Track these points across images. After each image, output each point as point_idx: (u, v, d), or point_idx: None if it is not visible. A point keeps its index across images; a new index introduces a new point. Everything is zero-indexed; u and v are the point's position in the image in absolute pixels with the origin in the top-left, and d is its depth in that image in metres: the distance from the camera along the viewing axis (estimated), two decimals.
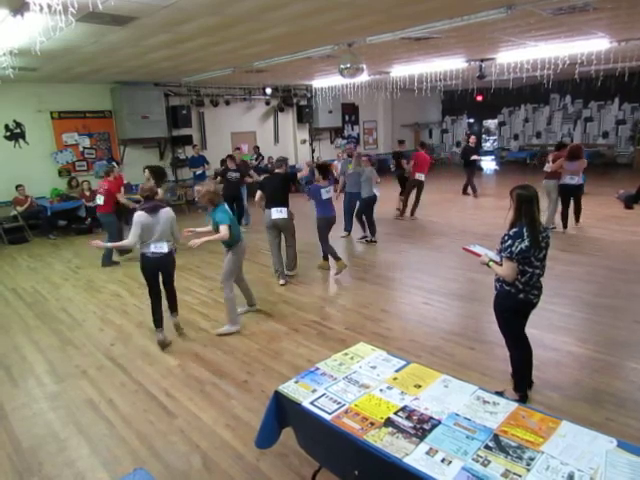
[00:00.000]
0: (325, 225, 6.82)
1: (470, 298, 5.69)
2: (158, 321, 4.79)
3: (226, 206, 4.91)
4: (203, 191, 4.80)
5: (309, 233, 7.51)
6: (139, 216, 4.57)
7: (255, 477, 2.95)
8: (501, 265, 3.26)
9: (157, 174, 7.75)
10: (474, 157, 12.48)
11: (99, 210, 7.89)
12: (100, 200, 7.72)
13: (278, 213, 6.34)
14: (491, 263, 3.32)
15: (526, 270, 3.22)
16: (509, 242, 3.18)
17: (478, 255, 3.44)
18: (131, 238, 4.57)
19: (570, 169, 8.06)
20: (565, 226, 8.43)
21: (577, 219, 8.65)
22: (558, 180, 8.27)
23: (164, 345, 4.76)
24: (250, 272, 7.17)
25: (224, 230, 4.66)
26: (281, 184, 6.43)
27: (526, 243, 3.13)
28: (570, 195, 8.32)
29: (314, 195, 6.68)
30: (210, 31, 6.23)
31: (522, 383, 3.52)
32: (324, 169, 6.87)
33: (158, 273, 4.79)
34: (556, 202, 8.41)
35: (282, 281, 6.53)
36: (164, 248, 4.67)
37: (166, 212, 4.75)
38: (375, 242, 8.42)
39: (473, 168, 12.61)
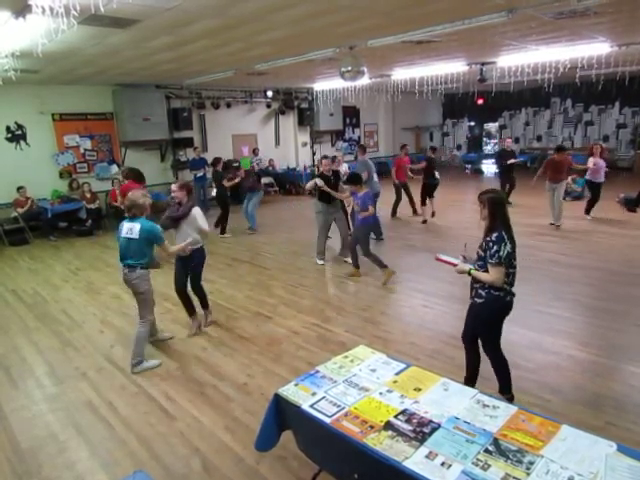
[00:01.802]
0: (369, 232, 6.82)
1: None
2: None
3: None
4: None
5: (309, 234, 7.52)
6: (198, 210, 4.95)
7: None
8: (484, 272, 3.25)
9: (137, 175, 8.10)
10: (511, 161, 10.91)
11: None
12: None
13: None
14: (473, 271, 3.30)
15: (509, 271, 3.26)
16: (495, 247, 3.16)
17: (454, 265, 3.41)
18: (207, 225, 5.00)
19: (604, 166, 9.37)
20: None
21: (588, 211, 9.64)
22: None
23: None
24: (250, 274, 7.19)
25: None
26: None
27: (509, 245, 3.18)
28: (600, 189, 9.41)
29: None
30: (212, 33, 6.25)
31: (509, 383, 3.54)
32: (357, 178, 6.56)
33: None
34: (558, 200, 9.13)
35: (320, 262, 7.37)
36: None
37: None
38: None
39: (510, 174, 11.07)
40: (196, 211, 4.89)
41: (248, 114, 14.80)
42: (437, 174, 10.17)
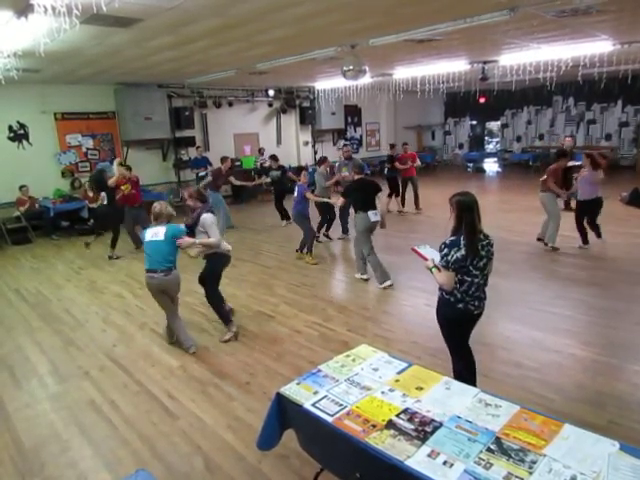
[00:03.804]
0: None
1: None
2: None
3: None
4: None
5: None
6: (210, 217, 4.70)
7: (256, 478, 2.95)
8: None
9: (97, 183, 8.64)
10: (570, 163, 9.11)
11: (134, 202, 8.50)
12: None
13: (375, 216, 6.23)
14: (434, 269, 3.19)
15: (465, 279, 3.12)
16: (445, 251, 3.11)
17: (425, 259, 3.30)
18: (218, 237, 4.73)
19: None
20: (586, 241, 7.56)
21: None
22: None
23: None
24: (252, 273, 7.19)
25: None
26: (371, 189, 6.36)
27: (462, 252, 3.05)
28: (594, 208, 7.40)
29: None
30: (214, 33, 6.25)
31: None
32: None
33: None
34: (557, 217, 7.41)
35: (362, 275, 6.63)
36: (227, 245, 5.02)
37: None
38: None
39: (569, 176, 9.02)
40: (205, 217, 4.67)
41: (250, 113, 14.80)
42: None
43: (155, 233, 4.52)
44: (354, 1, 5.09)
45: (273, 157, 10.60)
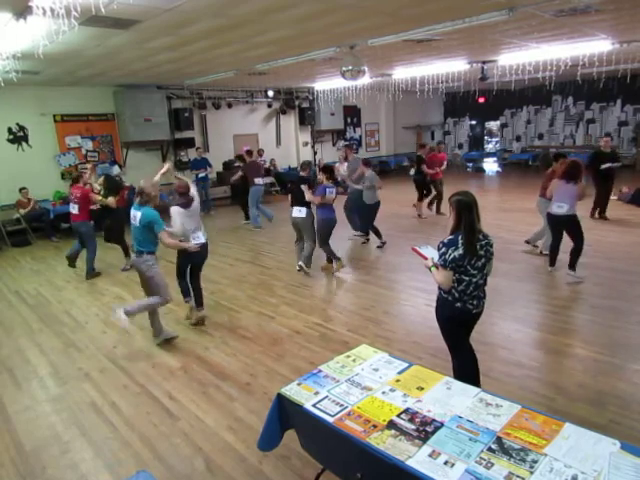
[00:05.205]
0: (328, 226, 6.87)
1: None
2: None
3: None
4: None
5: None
6: (175, 210, 4.99)
7: (258, 479, 2.95)
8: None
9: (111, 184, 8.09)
10: (605, 165, 8.65)
11: (75, 219, 7.38)
12: (75, 209, 7.29)
13: (298, 212, 6.83)
14: (433, 268, 3.20)
15: (462, 279, 3.13)
16: (443, 250, 3.12)
17: (425, 258, 3.31)
18: (179, 227, 4.94)
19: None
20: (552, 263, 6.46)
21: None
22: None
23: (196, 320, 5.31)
24: (252, 274, 7.19)
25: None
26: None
27: (460, 251, 3.05)
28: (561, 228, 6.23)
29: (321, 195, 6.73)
30: (213, 33, 6.26)
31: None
32: (329, 170, 6.90)
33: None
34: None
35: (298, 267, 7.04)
36: (202, 238, 5.16)
37: (198, 204, 5.20)
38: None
39: (608, 180, 8.91)
40: (172, 210, 5.05)
41: (249, 114, 14.81)
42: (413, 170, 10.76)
43: (134, 216, 4.66)
44: (353, 2, 5.10)
45: (239, 157, 11.01)
